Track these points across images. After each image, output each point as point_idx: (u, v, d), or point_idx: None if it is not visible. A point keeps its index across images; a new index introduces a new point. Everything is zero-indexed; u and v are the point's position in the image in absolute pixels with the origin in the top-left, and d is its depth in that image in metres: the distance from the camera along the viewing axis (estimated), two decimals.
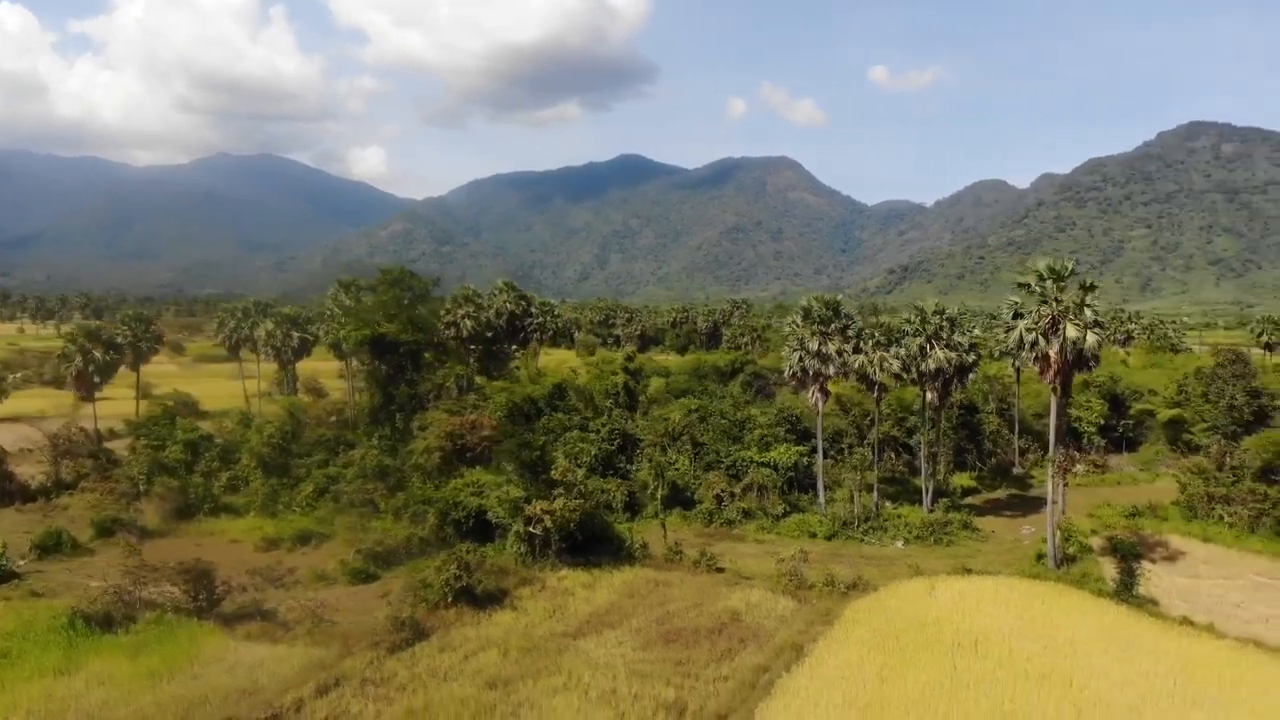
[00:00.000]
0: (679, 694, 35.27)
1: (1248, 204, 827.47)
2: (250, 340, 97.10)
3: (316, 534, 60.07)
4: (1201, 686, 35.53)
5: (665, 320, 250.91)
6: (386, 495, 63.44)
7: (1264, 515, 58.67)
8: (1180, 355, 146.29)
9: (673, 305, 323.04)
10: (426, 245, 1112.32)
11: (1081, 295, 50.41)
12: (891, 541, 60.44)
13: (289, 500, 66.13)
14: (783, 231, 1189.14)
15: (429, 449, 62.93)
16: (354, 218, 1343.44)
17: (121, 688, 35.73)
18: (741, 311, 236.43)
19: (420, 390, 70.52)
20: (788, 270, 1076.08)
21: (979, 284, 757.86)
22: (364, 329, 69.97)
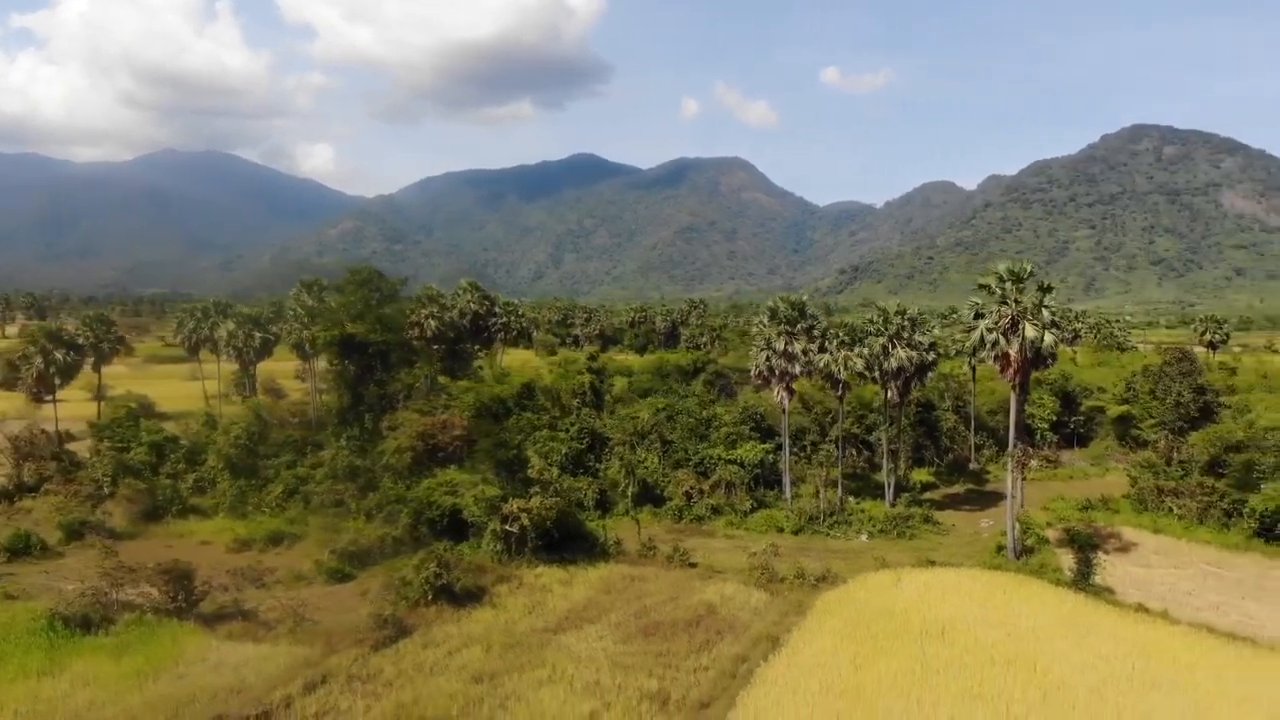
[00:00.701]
0: (662, 684, 36.33)
1: (1189, 205, 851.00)
2: (210, 341, 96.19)
3: (288, 535, 60.12)
4: (1159, 670, 37.49)
5: (624, 320, 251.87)
6: (357, 496, 63.62)
7: (1211, 507, 61.34)
8: (1126, 354, 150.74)
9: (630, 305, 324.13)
10: (378, 244, 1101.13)
11: (1040, 296, 52.42)
12: (856, 535, 62.15)
13: (258, 501, 66.04)
14: (736, 232, 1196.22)
15: (400, 449, 63.24)
16: (303, 216, 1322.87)
17: (108, 688, 35.90)
18: (699, 311, 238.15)
19: (389, 390, 70.69)
20: (741, 270, 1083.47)
21: (928, 284, 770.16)
22: (333, 329, 69.98)
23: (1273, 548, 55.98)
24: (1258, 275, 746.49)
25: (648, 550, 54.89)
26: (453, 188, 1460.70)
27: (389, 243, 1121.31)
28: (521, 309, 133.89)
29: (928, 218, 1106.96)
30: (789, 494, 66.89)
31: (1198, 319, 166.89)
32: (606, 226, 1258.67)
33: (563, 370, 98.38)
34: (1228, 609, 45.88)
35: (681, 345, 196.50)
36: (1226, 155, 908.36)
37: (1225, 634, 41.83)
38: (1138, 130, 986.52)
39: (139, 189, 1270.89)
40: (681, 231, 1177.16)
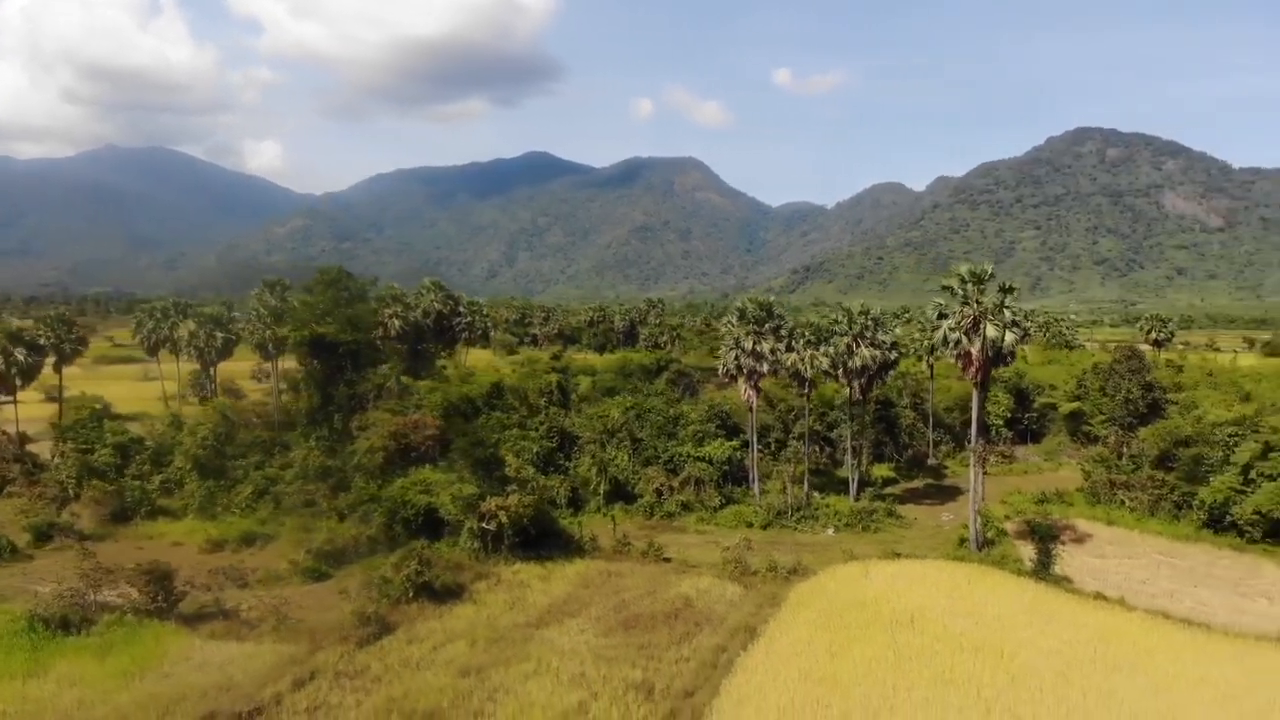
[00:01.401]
0: (646, 675, 37.35)
1: (1131, 206, 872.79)
2: (170, 341, 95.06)
3: (261, 535, 60.12)
4: (1120, 653, 39.41)
5: (582, 320, 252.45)
6: (329, 496, 63.68)
7: (1162, 500, 63.99)
8: (1075, 352, 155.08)
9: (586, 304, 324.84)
10: (326, 242, 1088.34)
11: (1001, 297, 54.31)
12: (823, 529, 63.75)
13: (227, 502, 65.80)
14: (690, 231, 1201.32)
15: (373, 449, 63.49)
16: (249, 213, 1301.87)
17: (95, 688, 36.04)
18: (658, 311, 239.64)
19: (359, 391, 70.75)
20: (695, 270, 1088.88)
21: (878, 283, 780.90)
22: (303, 329, 69.87)
23: (1221, 538, 58.63)
24: (1198, 275, 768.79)
25: (622, 546, 55.91)
26: (403, 185, 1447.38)
27: (338, 241, 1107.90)
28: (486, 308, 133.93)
29: (877, 218, 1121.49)
30: (757, 490, 68.26)
31: (1143, 318, 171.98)
32: (561, 225, 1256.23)
33: (529, 370, 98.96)
34: (1181, 596, 48.10)
35: (640, 344, 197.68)
36: (1168, 157, 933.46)
37: (1180, 620, 43.94)
38: (1082, 133, 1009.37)
39: (81, 186, 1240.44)
40: (636, 231, 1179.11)
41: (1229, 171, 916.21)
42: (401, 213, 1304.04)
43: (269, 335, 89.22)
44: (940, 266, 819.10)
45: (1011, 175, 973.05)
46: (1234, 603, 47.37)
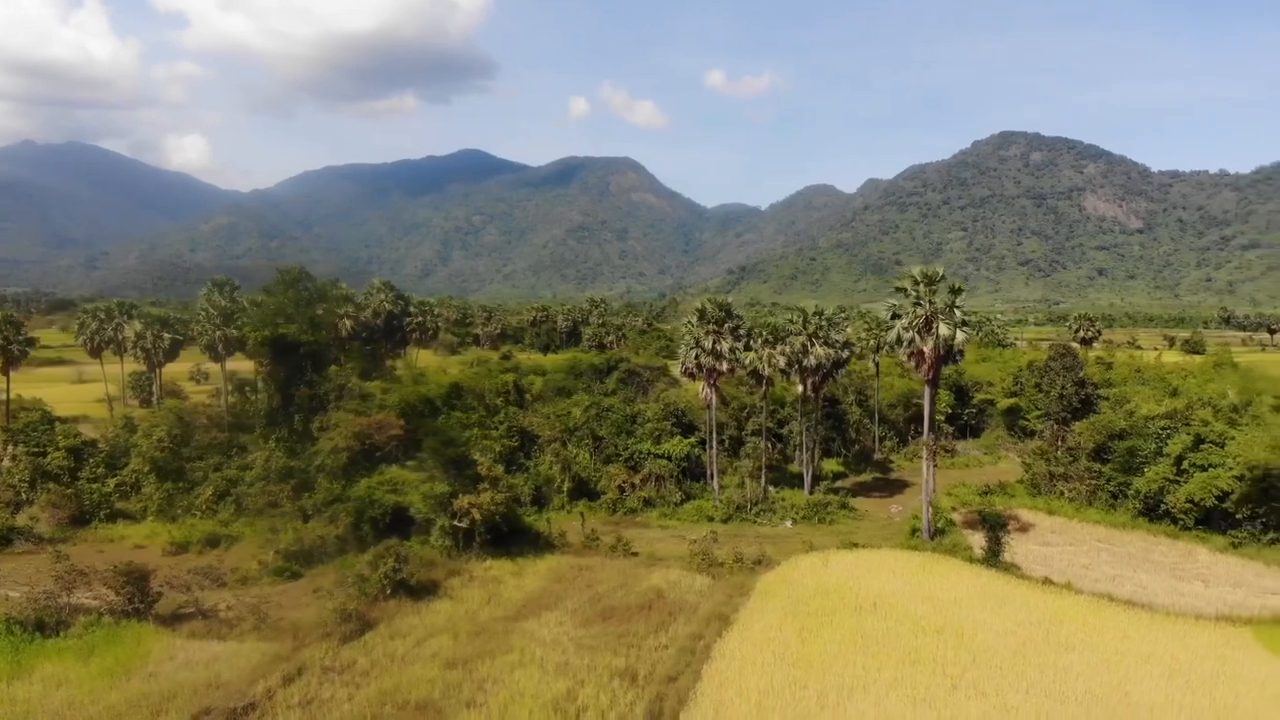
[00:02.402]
0: (628, 662, 38.82)
1: (1054, 209, 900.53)
2: (115, 342, 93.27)
3: (225, 537, 60.08)
4: (1070, 633, 42.07)
5: (525, 319, 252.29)
6: (292, 497, 63.74)
7: (1099, 490, 67.54)
8: (1008, 350, 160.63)
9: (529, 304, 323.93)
10: (253, 240, 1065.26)
11: (951, 298, 56.92)
12: (781, 522, 65.85)
13: (188, 504, 65.41)
14: (627, 231, 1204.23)
15: (336, 449, 63.69)
16: (173, 211, 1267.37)
17: (82, 688, 36.30)
18: (601, 311, 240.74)
19: (320, 391, 70.69)
20: (633, 270, 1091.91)
21: (811, 284, 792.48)
22: (264, 330, 69.60)
23: (1156, 526, 62.19)
24: (1118, 275, 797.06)
25: (591, 542, 57.22)
26: (333, 183, 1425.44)
27: (265, 239, 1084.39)
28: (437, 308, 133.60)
29: (810, 220, 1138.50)
30: (716, 486, 70.09)
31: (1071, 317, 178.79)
32: (496, 224, 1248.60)
33: (483, 370, 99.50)
34: (1122, 580, 51.14)
35: (584, 344, 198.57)
36: (1089, 161, 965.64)
37: (1124, 602, 46.85)
38: (1006, 136, 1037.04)
39: None
40: (573, 230, 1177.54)
41: (1148, 175, 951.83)
42: (331, 210, 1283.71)
43: (219, 336, 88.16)
44: (871, 267, 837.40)
45: (939, 178, 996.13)
46: (1172, 586, 50.56)
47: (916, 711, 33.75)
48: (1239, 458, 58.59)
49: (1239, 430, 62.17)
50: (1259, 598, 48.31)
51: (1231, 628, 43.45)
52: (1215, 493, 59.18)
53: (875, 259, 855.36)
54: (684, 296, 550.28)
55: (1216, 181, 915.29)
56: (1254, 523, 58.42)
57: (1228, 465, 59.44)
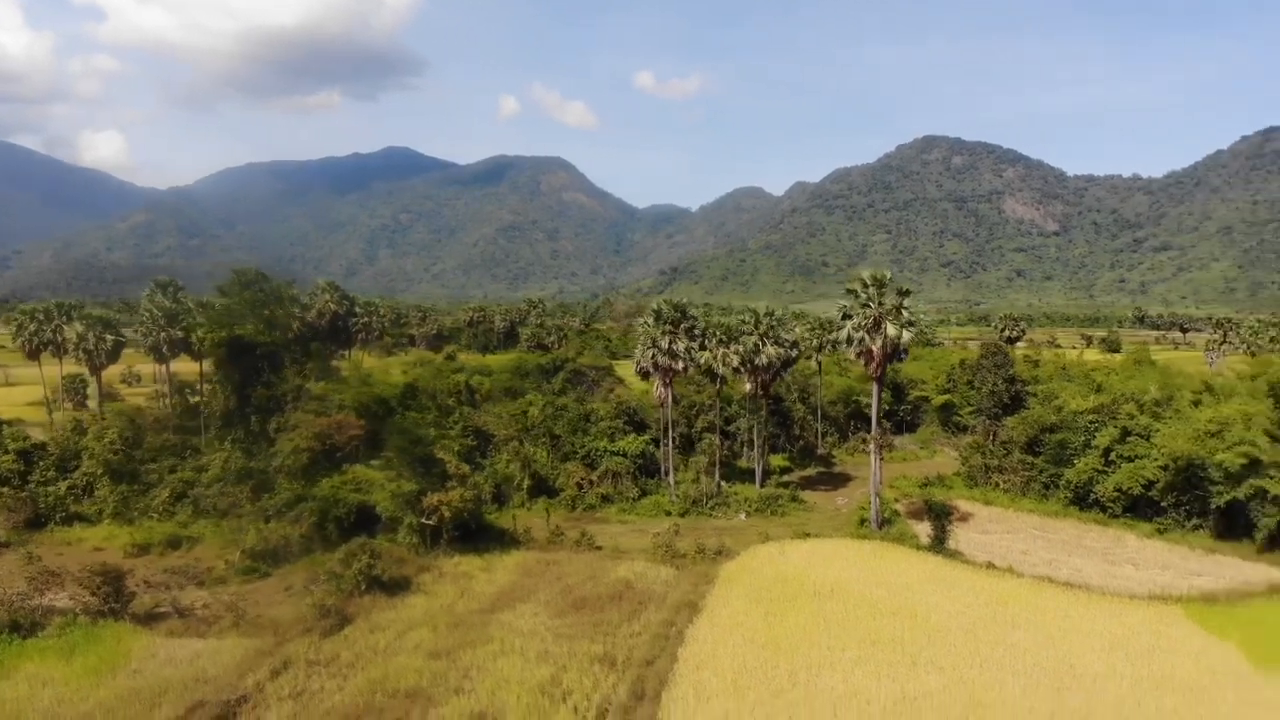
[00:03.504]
0: (606, 648, 40.59)
1: (974, 212, 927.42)
2: (55, 344, 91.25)
3: (186, 538, 60.06)
4: (1016, 612, 45.15)
5: (461, 320, 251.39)
6: (251, 498, 63.94)
7: (1032, 481, 71.51)
8: (937, 349, 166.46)
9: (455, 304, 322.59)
10: (172, 238, 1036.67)
11: (899, 299, 59.89)
12: (735, 515, 68.24)
13: (144, 506, 65.09)
14: (559, 231, 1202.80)
15: (297, 450, 64.02)
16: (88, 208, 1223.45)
17: (69, 686, 36.79)
18: (539, 311, 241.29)
19: (278, 392, 70.75)
20: (565, 270, 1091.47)
21: (741, 285, 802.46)
22: (220, 330, 69.40)
23: (1086, 514, 66.23)
24: (1035, 276, 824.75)
25: (556, 537, 58.77)
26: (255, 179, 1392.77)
27: (185, 237, 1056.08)
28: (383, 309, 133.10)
29: (739, 221, 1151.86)
30: (672, 481, 72.15)
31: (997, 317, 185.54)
32: (424, 222, 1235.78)
33: (434, 370, 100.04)
34: (1059, 564, 54.59)
35: (523, 345, 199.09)
36: (1008, 165, 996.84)
37: (1063, 583, 50.19)
38: (929, 141, 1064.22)
39: None
40: (503, 230, 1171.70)
41: (1064, 179, 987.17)
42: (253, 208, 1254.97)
43: (164, 337, 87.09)
44: (799, 269, 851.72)
45: (864, 181, 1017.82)
46: (1105, 569, 54.13)
47: (881, 685, 36.14)
48: (1163, 449, 62.81)
49: (1162, 423, 66.46)
50: (1185, 579, 52.09)
51: (1163, 606, 46.92)
52: (1141, 482, 63.37)
53: (803, 261, 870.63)
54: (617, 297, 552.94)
55: (1130, 185, 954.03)
56: (1177, 510, 62.70)
57: (1152, 456, 63.64)
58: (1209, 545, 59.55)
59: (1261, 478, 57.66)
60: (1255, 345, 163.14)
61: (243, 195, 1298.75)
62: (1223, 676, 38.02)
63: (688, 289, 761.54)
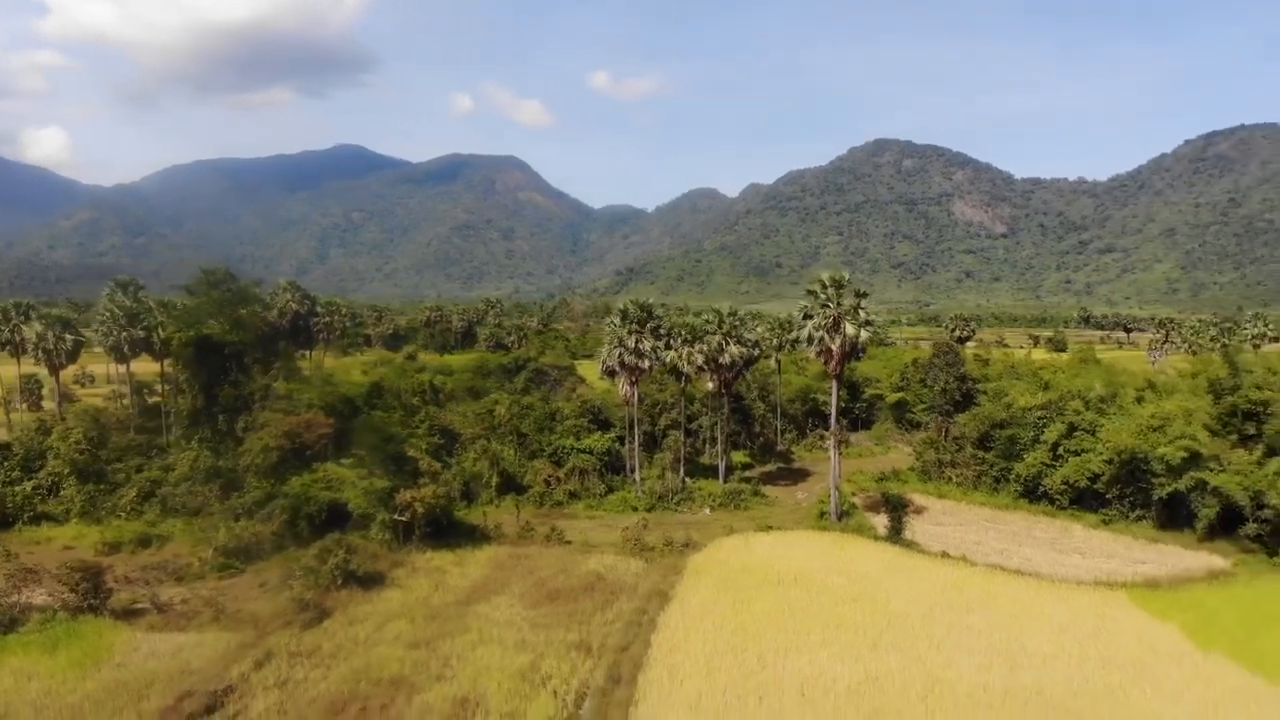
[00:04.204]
0: (582, 636, 42.14)
1: (924, 214, 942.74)
2: (13, 343, 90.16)
3: (155, 537, 60.28)
4: (971, 598, 47.53)
5: (418, 319, 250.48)
6: (220, 496, 64.38)
7: (983, 475, 74.37)
8: (890, 348, 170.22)
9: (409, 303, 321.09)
10: (117, 237, 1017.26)
11: (856, 300, 62.15)
12: (700, 509, 70.06)
13: (112, 505, 65.19)
14: (514, 231, 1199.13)
15: (267, 448, 64.53)
16: (30, 207, 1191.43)
17: (54, 679, 37.50)
18: (497, 311, 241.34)
19: (245, 392, 71.07)
20: (520, 269, 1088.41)
21: (696, 285, 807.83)
22: (189, 330, 69.59)
23: (1035, 506, 69.16)
24: (984, 278, 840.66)
25: (526, 532, 60.10)
26: (203, 177, 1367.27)
27: (131, 236, 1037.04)
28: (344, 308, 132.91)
29: (695, 223, 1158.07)
30: (638, 477, 73.77)
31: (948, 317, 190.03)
32: (377, 221, 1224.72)
33: (397, 370, 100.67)
34: (1010, 554, 57.16)
35: (481, 344, 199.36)
36: (958, 168, 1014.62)
37: (1014, 571, 52.78)
38: (880, 144, 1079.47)
39: None
40: (458, 229, 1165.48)
41: (1011, 182, 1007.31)
42: (201, 206, 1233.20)
43: (124, 337, 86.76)
44: (754, 269, 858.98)
45: (817, 183, 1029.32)
46: (1053, 558, 56.80)
47: (845, 666, 38.12)
48: (1108, 443, 65.82)
49: (1107, 419, 69.54)
50: (1130, 566, 54.93)
51: (1109, 591, 49.60)
52: (1087, 475, 66.35)
53: (758, 262, 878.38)
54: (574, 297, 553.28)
55: (1075, 189, 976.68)
56: (1122, 502, 65.71)
57: (1098, 451, 66.63)
58: (1152, 535, 62.51)
59: (1201, 470, 60.73)
60: (1196, 344, 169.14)
61: (190, 193, 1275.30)
62: (1164, 655, 40.61)
63: (644, 289, 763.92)
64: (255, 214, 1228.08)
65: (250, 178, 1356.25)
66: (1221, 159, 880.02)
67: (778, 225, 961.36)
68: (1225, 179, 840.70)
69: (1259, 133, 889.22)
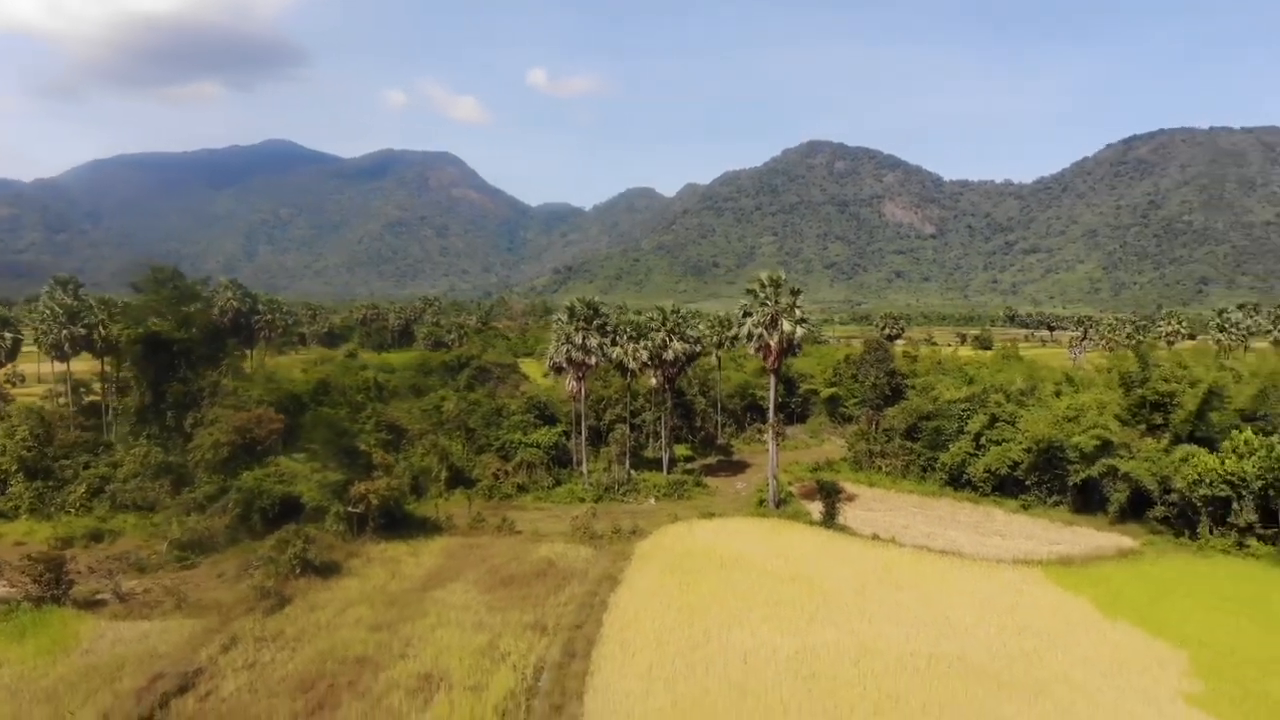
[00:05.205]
0: (536, 617, 44.41)
1: (856, 215, 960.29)
2: None
3: (107, 531, 60.87)
4: (900, 576, 50.97)
5: (354, 318, 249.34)
6: (171, 491, 65.08)
7: (911, 465, 78.43)
8: (823, 346, 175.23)
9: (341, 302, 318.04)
10: (37, 233, 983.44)
11: (792, 298, 65.39)
12: (645, 500, 72.67)
13: (61, 502, 65.42)
14: (448, 228, 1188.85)
15: (218, 444, 65.31)
16: None
17: (25, 665, 38.60)
18: (435, 309, 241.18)
19: (193, 388, 71.58)
20: (455, 267, 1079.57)
21: (635, 284, 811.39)
22: (137, 328, 69.86)
23: (960, 493, 73.38)
24: (913, 278, 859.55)
25: (477, 523, 62.04)
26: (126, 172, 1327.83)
27: (50, 232, 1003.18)
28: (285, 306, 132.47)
29: (632, 222, 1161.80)
30: (585, 470, 76.11)
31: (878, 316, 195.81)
32: (306, 217, 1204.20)
33: (341, 367, 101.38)
34: (936, 536, 60.86)
35: (419, 343, 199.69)
36: (888, 170, 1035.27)
37: (939, 552, 56.46)
38: (813, 146, 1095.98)
39: None
40: (390, 225, 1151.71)
41: (940, 184, 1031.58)
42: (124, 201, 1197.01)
43: (65, 335, 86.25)
44: (691, 269, 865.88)
45: (752, 184, 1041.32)
46: (976, 540, 60.64)
47: (784, 638, 41.05)
48: (1027, 433, 70.19)
49: (1026, 410, 74.00)
50: (1046, 546, 58.95)
51: (1026, 569, 53.48)
52: (1008, 463, 70.67)
53: (695, 261, 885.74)
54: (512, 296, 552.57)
55: (1001, 191, 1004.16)
56: (1040, 488, 70.13)
57: (1017, 440, 70.99)
58: (1067, 518, 66.88)
59: (1113, 457, 65.23)
60: (1113, 341, 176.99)
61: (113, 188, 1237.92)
62: (1075, 624, 44.41)
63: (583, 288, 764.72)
64: (180, 210, 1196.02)
65: (175, 173, 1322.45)
66: (1142, 162, 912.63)
67: (714, 225, 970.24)
68: (1145, 182, 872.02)
69: (1178, 136, 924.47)
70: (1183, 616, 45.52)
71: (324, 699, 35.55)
